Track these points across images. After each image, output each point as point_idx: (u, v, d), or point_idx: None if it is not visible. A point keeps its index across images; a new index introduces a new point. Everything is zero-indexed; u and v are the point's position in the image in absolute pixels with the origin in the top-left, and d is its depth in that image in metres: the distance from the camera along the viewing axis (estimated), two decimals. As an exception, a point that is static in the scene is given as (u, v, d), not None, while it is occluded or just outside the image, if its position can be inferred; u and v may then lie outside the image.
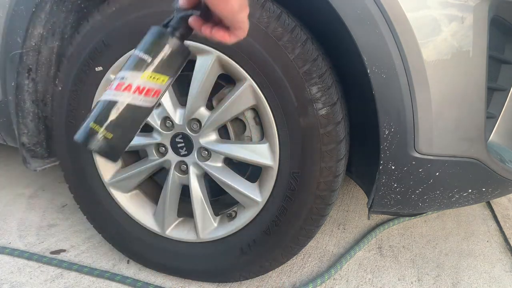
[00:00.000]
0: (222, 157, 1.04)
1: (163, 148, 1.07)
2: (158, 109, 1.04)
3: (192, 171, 1.06)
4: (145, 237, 1.16)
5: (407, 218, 1.55)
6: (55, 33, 1.15)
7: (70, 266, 1.22)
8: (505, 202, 1.77)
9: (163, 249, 1.15)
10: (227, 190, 1.05)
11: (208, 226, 1.09)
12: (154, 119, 1.04)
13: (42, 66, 1.18)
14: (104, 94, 0.61)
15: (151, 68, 0.60)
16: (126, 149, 0.65)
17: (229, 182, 1.02)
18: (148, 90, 0.61)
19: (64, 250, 1.33)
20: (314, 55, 0.90)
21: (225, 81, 1.03)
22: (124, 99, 0.60)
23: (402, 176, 0.90)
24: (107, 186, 1.15)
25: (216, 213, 1.11)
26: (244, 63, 0.92)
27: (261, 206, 1.02)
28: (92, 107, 0.61)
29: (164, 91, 0.64)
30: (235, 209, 1.10)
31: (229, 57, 0.92)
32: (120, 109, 0.60)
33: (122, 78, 0.60)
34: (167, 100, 1.02)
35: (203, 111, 1.00)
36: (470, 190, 0.94)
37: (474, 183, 0.93)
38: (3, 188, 1.79)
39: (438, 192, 0.93)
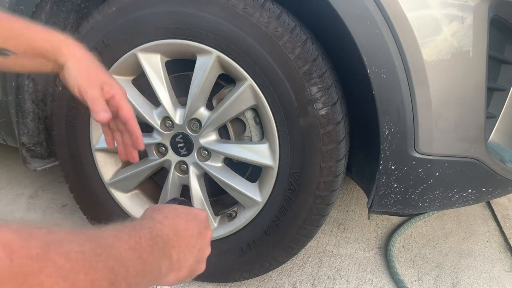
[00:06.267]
0: (222, 157, 1.04)
1: (163, 148, 1.07)
2: (158, 109, 1.04)
3: (192, 171, 1.06)
4: (145, 237, 1.16)
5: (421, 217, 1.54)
6: (55, 33, 1.15)
7: (70, 266, 1.22)
8: (505, 202, 1.77)
9: (163, 249, 1.15)
10: (227, 190, 1.05)
11: (208, 226, 1.09)
12: (154, 119, 1.04)
13: (42, 66, 1.17)
14: None
15: None
16: None
17: (229, 182, 1.02)
18: None
19: (64, 250, 1.33)
20: (314, 55, 0.90)
21: (225, 81, 1.03)
22: None
23: (402, 176, 0.90)
24: (107, 186, 1.15)
25: (216, 213, 1.11)
26: (244, 63, 0.92)
27: (261, 206, 1.02)
28: None
29: None
30: (235, 209, 1.10)
31: (229, 57, 0.92)
32: None
33: None
34: (167, 100, 1.02)
35: (203, 111, 1.00)
36: (470, 190, 0.94)
37: (474, 183, 0.93)
38: (3, 188, 1.79)
39: (438, 192, 0.93)
